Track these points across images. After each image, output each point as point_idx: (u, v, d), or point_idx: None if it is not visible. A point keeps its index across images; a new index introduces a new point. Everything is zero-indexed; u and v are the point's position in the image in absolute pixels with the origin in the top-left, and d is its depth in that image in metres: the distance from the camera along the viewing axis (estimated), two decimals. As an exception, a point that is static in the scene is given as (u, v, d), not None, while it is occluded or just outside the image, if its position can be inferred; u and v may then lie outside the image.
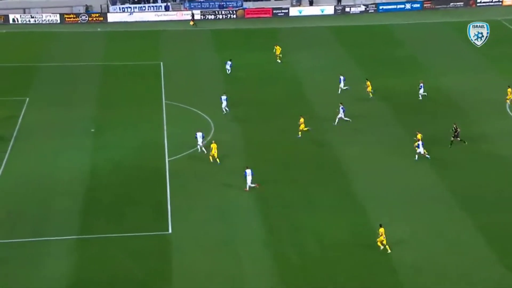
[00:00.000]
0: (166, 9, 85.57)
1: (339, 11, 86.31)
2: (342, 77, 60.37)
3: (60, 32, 79.53)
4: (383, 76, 63.37)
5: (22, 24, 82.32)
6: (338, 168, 48.17)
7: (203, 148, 49.29)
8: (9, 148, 50.47)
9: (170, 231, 41.03)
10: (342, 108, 53.92)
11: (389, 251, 38.80)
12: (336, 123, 53.69)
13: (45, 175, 46.72)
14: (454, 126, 49.64)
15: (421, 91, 59.09)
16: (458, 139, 49.69)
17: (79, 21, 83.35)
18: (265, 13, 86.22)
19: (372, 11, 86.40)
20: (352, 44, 73.38)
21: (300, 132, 51.89)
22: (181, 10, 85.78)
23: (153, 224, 41.67)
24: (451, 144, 49.61)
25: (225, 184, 46.20)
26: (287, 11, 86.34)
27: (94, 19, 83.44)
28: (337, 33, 77.68)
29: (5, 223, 41.24)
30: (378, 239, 38.91)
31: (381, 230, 38.98)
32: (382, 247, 38.87)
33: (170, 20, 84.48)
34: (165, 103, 59.20)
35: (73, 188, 45.18)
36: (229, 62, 64.16)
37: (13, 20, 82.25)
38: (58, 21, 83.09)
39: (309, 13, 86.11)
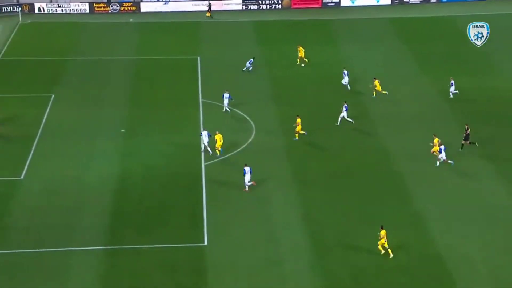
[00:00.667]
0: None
1: (397, 1, 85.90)
2: (346, 72, 60.71)
3: (89, 23, 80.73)
4: (446, 73, 62.68)
5: (48, 14, 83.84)
6: (393, 178, 48.05)
7: (209, 148, 49.57)
8: (33, 148, 51.56)
9: (205, 243, 41.44)
10: (345, 106, 54.22)
11: (391, 255, 39.58)
12: (339, 123, 54.24)
13: (71, 179, 47.58)
14: (466, 127, 50.29)
15: (452, 88, 58.34)
16: (468, 142, 50.18)
17: (109, 11, 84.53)
18: (314, 3, 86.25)
19: (434, 1, 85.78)
20: (411, 38, 72.97)
21: (297, 135, 52.26)
22: (220, 0, 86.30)
23: (187, 235, 42.13)
24: (462, 147, 50.50)
25: (266, 192, 46.44)
26: (338, 1, 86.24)
27: (126, 8, 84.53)
28: (394, 25, 77.34)
29: (29, 231, 42.15)
30: (379, 242, 39.57)
31: (382, 232, 39.71)
32: (383, 250, 39.63)
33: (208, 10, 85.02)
34: (202, 101, 59.71)
35: (101, 194, 45.93)
36: (251, 60, 63.85)
37: (39, 9, 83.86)
38: (87, 11, 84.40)
39: (362, 3, 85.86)
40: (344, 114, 54.37)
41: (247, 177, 45.86)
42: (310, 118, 55.87)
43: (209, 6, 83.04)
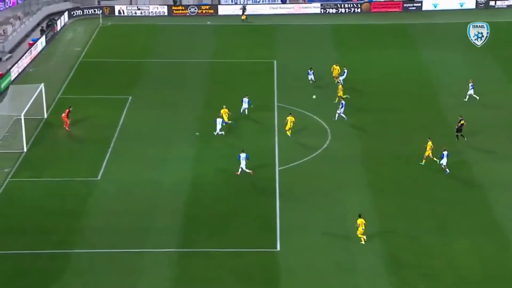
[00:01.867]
0: (283, 1, 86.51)
1: (482, 5, 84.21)
2: (345, 70, 61.49)
3: (167, 26, 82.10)
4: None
5: (128, 16, 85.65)
6: (472, 185, 47.17)
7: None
8: (109, 150, 52.70)
9: (278, 248, 41.49)
10: (342, 103, 55.54)
11: (363, 242, 40.69)
12: (336, 118, 55.73)
13: (146, 182, 48.41)
14: (460, 118, 51.20)
15: (471, 91, 56.55)
16: (460, 133, 50.95)
17: (187, 14, 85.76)
18: (394, 7, 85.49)
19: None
20: (497, 45, 71.10)
21: (289, 131, 53.07)
22: (299, 3, 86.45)
23: (259, 240, 42.28)
24: (457, 138, 51.74)
25: (341, 197, 46.28)
26: (419, 4, 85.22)
27: (204, 11, 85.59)
28: (478, 31, 75.89)
29: (104, 232, 43.06)
30: (358, 231, 40.73)
31: (360, 220, 40.66)
32: (363, 237, 40.87)
33: (286, 13, 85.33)
34: (277, 105, 59.91)
35: (175, 197, 46.55)
36: (310, 72, 62.94)
37: (119, 12, 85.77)
38: (166, 13, 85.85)
39: (445, 7, 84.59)
40: (340, 110, 55.76)
41: (243, 163, 47.33)
42: (386, 124, 55.33)
43: (243, 9, 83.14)
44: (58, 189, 47.51)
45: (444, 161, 48.07)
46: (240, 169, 47.65)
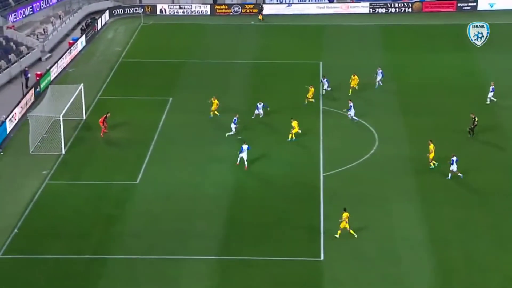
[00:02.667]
0: (330, 1, 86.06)
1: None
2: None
3: (209, 25, 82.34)
4: None
5: (169, 15, 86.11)
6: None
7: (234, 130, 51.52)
8: (149, 153, 52.86)
9: (322, 257, 41.12)
10: (351, 106, 56.18)
11: (337, 236, 41.77)
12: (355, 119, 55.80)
13: (186, 186, 48.41)
14: (472, 116, 52.35)
15: (491, 94, 56.33)
16: (471, 130, 52.33)
17: (231, 13, 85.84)
18: (448, 7, 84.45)
19: None
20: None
21: (291, 135, 52.91)
22: (347, 2, 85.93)
23: (302, 249, 41.94)
24: (470, 134, 52.78)
25: (388, 205, 45.74)
26: (474, 4, 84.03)
27: (248, 11, 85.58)
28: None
29: (141, 237, 43.11)
30: (340, 225, 41.69)
31: (345, 215, 41.46)
32: (339, 232, 41.95)
33: (334, 13, 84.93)
34: (323, 109, 59.55)
35: (215, 203, 46.43)
36: (324, 80, 61.36)
37: (161, 11, 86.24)
38: (208, 13, 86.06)
39: (503, 6, 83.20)
40: (351, 112, 55.86)
41: (244, 154, 48.74)
42: (437, 129, 54.64)
43: (261, 8, 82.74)
44: (96, 193, 47.78)
45: (454, 167, 47.28)
46: (238, 160, 49.40)
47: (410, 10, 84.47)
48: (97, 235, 43.24)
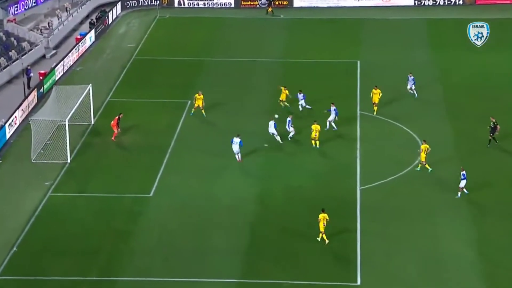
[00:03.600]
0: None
1: None
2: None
3: (233, 19, 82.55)
4: None
5: (189, 8, 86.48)
6: None
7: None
8: (164, 162, 53.05)
9: (359, 282, 40.99)
10: (334, 109, 55.80)
11: (318, 239, 42.94)
12: (327, 127, 55.78)
13: (204, 198, 48.51)
14: (493, 120, 52.53)
15: None
16: (492, 136, 52.46)
17: (257, 5, 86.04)
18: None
19: None
20: None
21: (314, 142, 52.93)
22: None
23: (335, 271, 41.83)
24: (489, 142, 52.63)
25: (433, 222, 45.57)
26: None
27: (277, 3, 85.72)
28: None
29: (156, 255, 43.22)
30: (320, 228, 42.98)
31: (321, 216, 42.76)
32: (321, 235, 43.00)
33: (374, 6, 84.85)
34: (360, 113, 59.46)
35: (237, 217, 46.48)
36: (300, 95, 59.86)
37: (179, 2, 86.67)
38: (232, 5, 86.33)
39: None
40: (331, 118, 55.74)
41: (235, 147, 51.12)
42: (486, 135, 54.41)
43: (270, 1, 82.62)
44: (105, 206, 48.00)
45: (463, 183, 47.25)
46: (236, 155, 51.75)
47: (461, 2, 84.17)
48: (106, 253, 43.42)
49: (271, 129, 54.38)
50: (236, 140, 51.96)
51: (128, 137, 56.54)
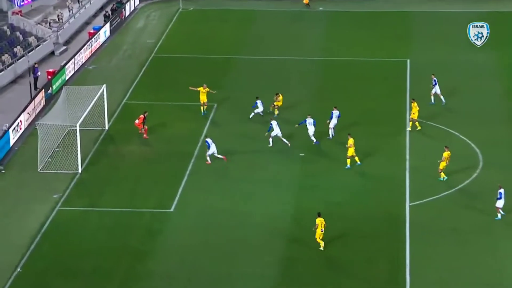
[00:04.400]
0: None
1: None
2: (434, 79, 60.77)
3: (264, 11, 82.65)
4: None
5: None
6: None
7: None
8: (187, 172, 53.06)
9: (408, 313, 40.91)
10: (337, 115, 56.46)
11: (321, 248, 43.88)
12: (331, 135, 56.43)
13: (231, 215, 48.38)
14: None
15: None
16: None
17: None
18: None
19: None
20: None
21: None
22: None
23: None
24: None
25: (493, 246, 45.22)
26: None
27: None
28: None
29: (176, 279, 43.11)
30: (316, 235, 44.01)
31: (318, 220, 43.89)
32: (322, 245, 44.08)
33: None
34: (410, 119, 59.18)
35: (268, 237, 46.28)
36: (258, 103, 59.60)
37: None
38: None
39: None
40: (333, 123, 56.39)
41: (212, 149, 52.87)
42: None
43: None
44: (120, 222, 48.03)
45: (501, 203, 47.06)
46: (208, 158, 53.31)
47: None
48: (120, 275, 43.35)
49: (277, 129, 55.19)
50: (210, 142, 53.37)
51: (146, 144, 56.55)
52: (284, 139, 54.99)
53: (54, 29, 76.30)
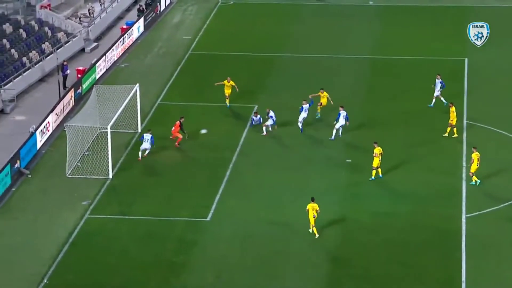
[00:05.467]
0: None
1: None
2: (439, 79, 61.00)
3: (310, 6, 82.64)
4: None
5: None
6: None
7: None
8: (225, 179, 53.23)
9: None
10: (345, 115, 56.97)
11: (310, 231, 45.76)
12: (333, 137, 56.89)
13: (273, 225, 48.41)
14: None
15: None
16: None
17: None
18: None
19: None
20: None
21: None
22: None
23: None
24: None
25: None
26: None
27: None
28: None
29: (212, 291, 43.44)
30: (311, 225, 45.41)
31: (310, 205, 45.45)
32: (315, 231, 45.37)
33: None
34: (466, 123, 59.03)
35: (313, 251, 46.27)
36: (254, 117, 59.81)
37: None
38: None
39: None
40: (340, 124, 56.84)
41: (145, 145, 54.52)
42: None
43: None
44: (153, 232, 48.19)
45: None
46: (140, 153, 54.88)
47: None
48: (153, 289, 43.62)
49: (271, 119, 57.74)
50: (147, 136, 54.50)
51: (181, 149, 56.79)
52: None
53: (84, 24, 76.89)
